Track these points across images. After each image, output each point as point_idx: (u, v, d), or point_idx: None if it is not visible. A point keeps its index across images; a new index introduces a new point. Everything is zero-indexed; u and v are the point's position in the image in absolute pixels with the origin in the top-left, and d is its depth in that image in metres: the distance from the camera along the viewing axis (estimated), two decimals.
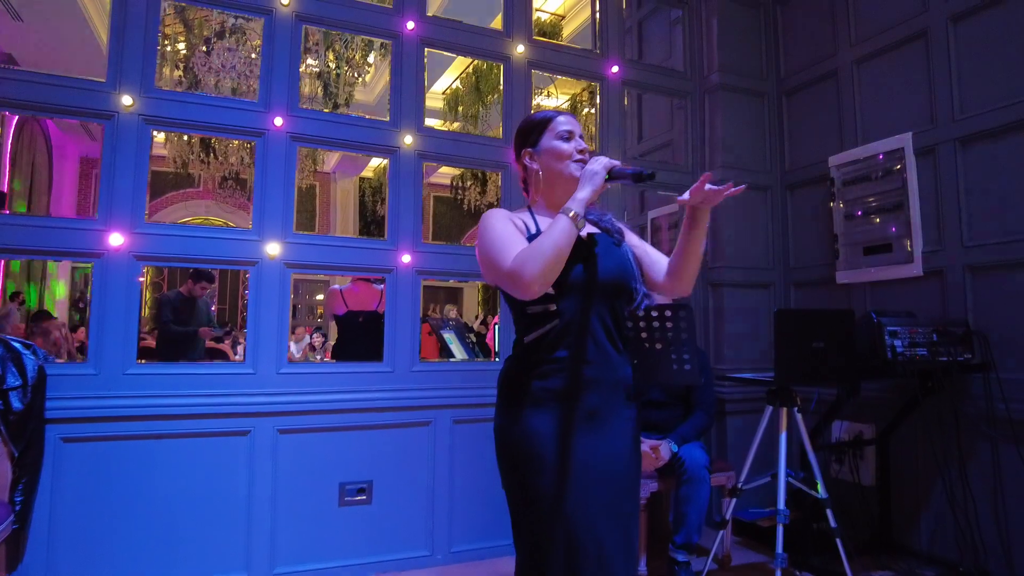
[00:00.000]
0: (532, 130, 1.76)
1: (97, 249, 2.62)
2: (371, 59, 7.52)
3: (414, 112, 3.20)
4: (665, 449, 2.78)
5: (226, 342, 7.31)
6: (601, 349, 1.60)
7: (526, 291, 1.49)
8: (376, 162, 9.39)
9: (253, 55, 6.35)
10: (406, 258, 3.12)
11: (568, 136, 1.70)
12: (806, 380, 2.58)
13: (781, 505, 2.46)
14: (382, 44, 6.57)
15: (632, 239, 1.78)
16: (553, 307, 1.61)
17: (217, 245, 2.83)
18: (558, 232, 1.51)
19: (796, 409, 2.59)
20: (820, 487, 2.58)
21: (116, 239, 2.64)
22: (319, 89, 7.23)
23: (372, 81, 8.21)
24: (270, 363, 2.87)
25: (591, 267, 1.62)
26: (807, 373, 2.51)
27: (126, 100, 2.68)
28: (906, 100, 3.24)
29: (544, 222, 1.64)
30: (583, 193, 1.58)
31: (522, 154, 1.77)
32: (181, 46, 6.73)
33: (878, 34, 3.38)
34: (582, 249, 1.64)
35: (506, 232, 1.59)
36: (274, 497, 2.82)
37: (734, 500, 2.76)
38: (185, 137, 7.46)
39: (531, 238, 1.58)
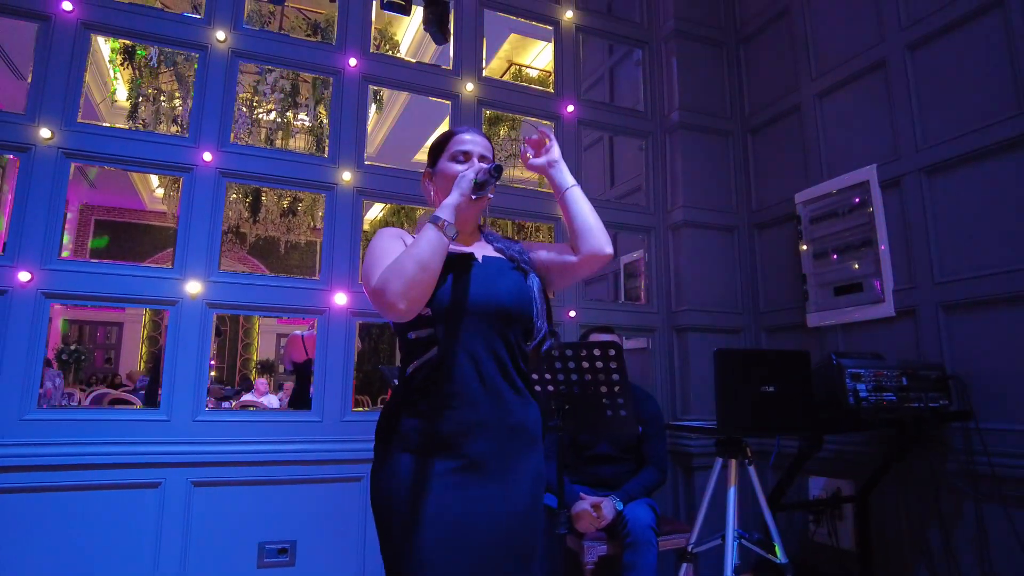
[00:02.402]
0: (434, 149, 1.64)
1: (1, 286, 2.49)
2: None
3: (355, 149, 3.10)
4: (608, 508, 2.51)
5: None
6: (491, 387, 1.39)
7: (393, 311, 1.31)
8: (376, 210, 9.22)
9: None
10: (341, 299, 2.95)
11: (464, 158, 1.55)
12: (755, 429, 2.32)
13: (728, 572, 2.16)
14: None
15: (540, 256, 1.58)
16: (431, 332, 1.42)
17: (135, 283, 2.69)
18: (423, 243, 1.34)
19: (747, 462, 2.32)
20: (779, 550, 2.28)
21: (24, 276, 2.51)
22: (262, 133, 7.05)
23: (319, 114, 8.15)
24: (186, 410, 2.67)
25: (479, 289, 1.43)
26: (755, 422, 2.26)
27: (44, 133, 2.60)
28: (870, 131, 3.08)
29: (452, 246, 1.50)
30: (451, 198, 1.43)
31: (423, 175, 1.65)
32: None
33: (838, 66, 3.26)
34: (469, 269, 1.46)
35: (386, 249, 1.42)
36: (184, 556, 2.58)
37: (686, 566, 2.46)
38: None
39: None
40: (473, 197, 1.46)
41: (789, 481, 2.59)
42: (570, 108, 3.59)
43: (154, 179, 8.68)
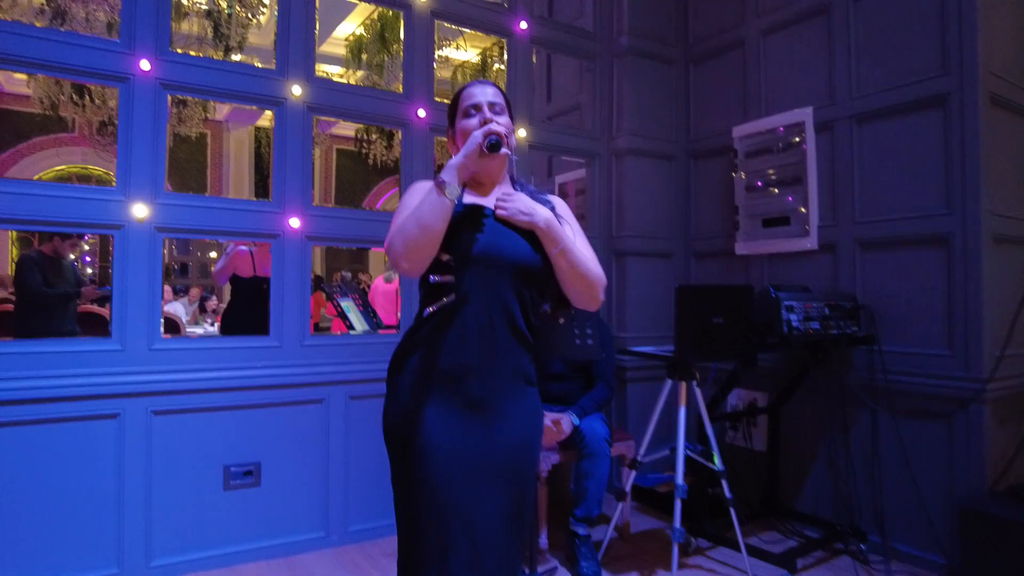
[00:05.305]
0: (450, 109, 1.65)
1: None
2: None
3: (303, 60, 2.92)
4: (567, 422, 2.75)
5: (107, 306, 6.68)
6: (492, 334, 1.46)
7: (399, 269, 1.43)
8: None
9: None
10: (295, 222, 2.87)
11: (474, 110, 1.56)
12: (705, 355, 2.59)
13: (680, 480, 2.48)
14: None
15: (566, 223, 1.57)
16: (450, 279, 1.48)
17: (75, 206, 2.48)
18: (425, 205, 1.40)
19: (695, 383, 2.60)
20: (716, 459, 2.62)
21: None
22: (208, 30, 6.60)
23: (268, 23, 7.60)
24: (140, 339, 2.58)
25: (496, 240, 1.49)
26: (706, 348, 2.52)
27: None
28: (809, 75, 3.27)
29: (469, 199, 1.54)
30: (456, 159, 1.46)
31: (447, 136, 1.68)
32: None
33: (784, 6, 3.38)
34: (489, 222, 1.51)
35: (407, 205, 1.50)
36: (148, 484, 2.58)
37: (634, 472, 2.77)
38: None
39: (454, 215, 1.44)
40: (479, 157, 1.48)
41: (722, 397, 2.93)
42: (523, 25, 3.51)
43: None
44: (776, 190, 3.37)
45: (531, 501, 1.59)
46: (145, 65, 2.58)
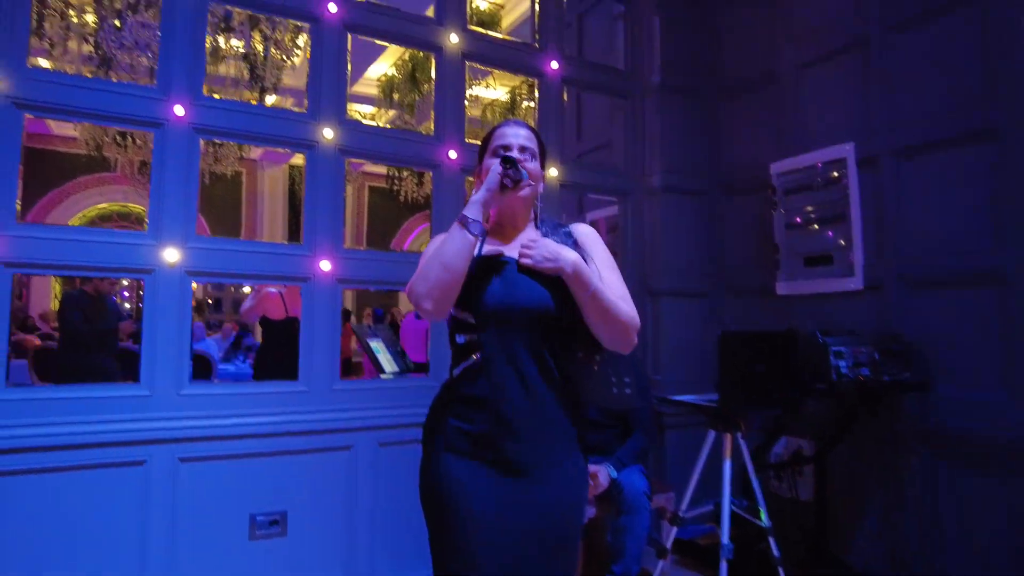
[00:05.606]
0: (481, 146, 1.60)
1: None
2: (300, 42, 7.12)
3: (335, 103, 2.92)
4: (604, 475, 2.63)
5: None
6: (526, 392, 1.39)
7: (422, 311, 1.37)
8: None
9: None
10: (325, 265, 2.84)
11: (503, 151, 1.51)
12: (750, 405, 2.46)
13: (725, 539, 2.34)
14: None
15: (596, 255, 1.50)
16: (475, 338, 1.42)
17: (107, 250, 2.48)
18: (447, 243, 1.36)
19: (740, 435, 2.47)
20: (764, 515, 2.48)
21: None
22: (245, 72, 6.79)
23: (302, 65, 7.78)
24: (168, 383, 2.55)
25: (515, 292, 1.42)
26: (751, 398, 2.39)
27: None
28: (848, 109, 3.18)
29: (488, 248, 1.48)
30: (478, 195, 1.41)
31: (474, 172, 1.63)
32: (91, 18, 6.15)
33: (819, 39, 3.30)
34: (509, 273, 1.45)
35: (429, 251, 1.46)
36: (173, 534, 2.51)
37: (675, 528, 2.63)
38: None
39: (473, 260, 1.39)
40: (500, 192, 1.43)
41: (768, 447, 2.78)
42: (554, 65, 3.49)
43: None
44: (817, 227, 3.25)
45: (573, 566, 1.49)
46: (179, 110, 2.60)
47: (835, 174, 3.16)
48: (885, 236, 2.98)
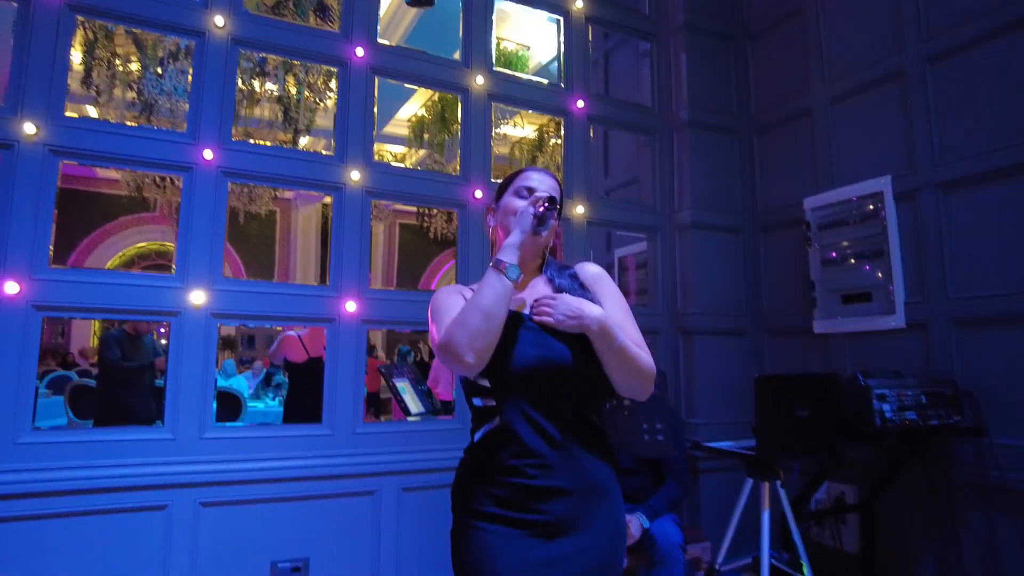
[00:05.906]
0: (501, 186, 1.57)
1: None
2: (333, 84, 7.29)
3: (362, 146, 2.93)
4: (636, 526, 2.51)
5: None
6: (562, 448, 1.34)
7: (461, 364, 1.27)
8: None
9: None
10: (351, 306, 2.82)
11: (528, 193, 1.47)
12: (789, 452, 2.34)
13: None
14: None
15: (607, 298, 1.44)
16: (496, 401, 1.36)
17: (136, 293, 2.50)
18: (486, 290, 1.30)
19: (780, 484, 2.34)
20: (806, 568, 2.33)
21: (11, 287, 2.30)
22: (279, 114, 6.97)
23: (335, 106, 7.96)
24: (192, 427, 2.53)
25: (531, 350, 1.36)
26: (790, 445, 2.27)
27: (28, 128, 2.36)
28: (884, 142, 3.08)
29: None
30: (513, 237, 1.37)
31: (487, 209, 1.59)
32: (135, 66, 6.40)
33: (853, 72, 3.23)
34: (524, 332, 1.39)
35: (447, 304, 1.40)
36: None
37: None
38: None
39: None
40: (534, 234, 1.39)
41: (809, 495, 2.63)
42: (580, 103, 3.47)
43: None
44: (854, 262, 3.13)
45: None
46: (208, 154, 2.63)
47: (871, 207, 3.06)
48: (928, 272, 2.85)
